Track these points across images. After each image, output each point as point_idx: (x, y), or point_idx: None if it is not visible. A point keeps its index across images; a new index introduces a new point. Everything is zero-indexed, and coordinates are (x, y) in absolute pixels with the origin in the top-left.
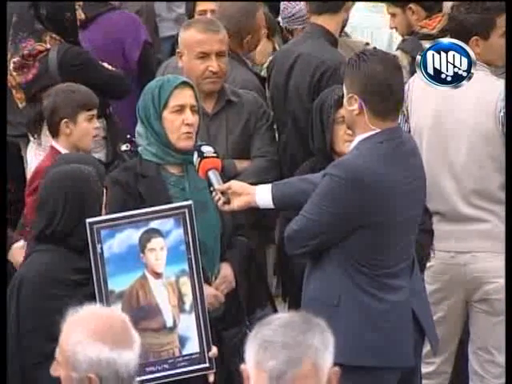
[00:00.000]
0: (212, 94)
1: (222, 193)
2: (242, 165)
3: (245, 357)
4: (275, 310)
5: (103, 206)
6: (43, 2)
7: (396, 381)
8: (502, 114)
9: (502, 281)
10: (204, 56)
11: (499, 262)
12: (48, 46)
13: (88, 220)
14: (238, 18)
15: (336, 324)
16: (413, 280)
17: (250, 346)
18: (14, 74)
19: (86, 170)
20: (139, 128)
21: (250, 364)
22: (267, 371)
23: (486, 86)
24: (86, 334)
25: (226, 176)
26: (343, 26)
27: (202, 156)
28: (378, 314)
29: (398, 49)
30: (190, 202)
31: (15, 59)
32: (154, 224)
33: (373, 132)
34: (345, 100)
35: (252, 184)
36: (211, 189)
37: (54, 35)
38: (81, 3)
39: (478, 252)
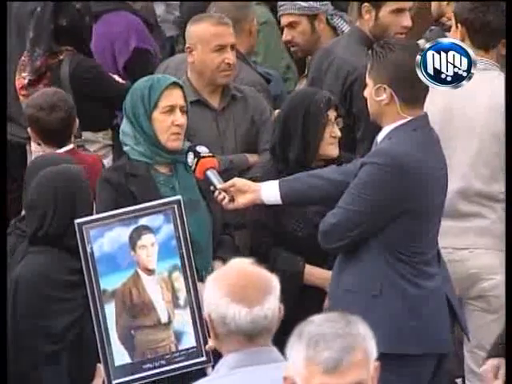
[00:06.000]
0: (217, 89)
1: (225, 191)
2: (252, 158)
3: (288, 362)
4: None
5: (94, 204)
6: (63, 11)
7: (434, 366)
8: None
9: (499, 277)
10: (220, 49)
11: (496, 259)
12: (61, 57)
13: (76, 221)
14: (233, 9)
15: (376, 314)
16: (441, 267)
17: (295, 348)
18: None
19: (75, 169)
20: (125, 127)
21: (298, 365)
22: (322, 363)
23: (498, 86)
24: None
25: (239, 169)
26: None
27: (198, 156)
28: (418, 301)
29: (422, 37)
30: (178, 197)
31: (31, 77)
32: (143, 221)
33: (405, 120)
34: (370, 91)
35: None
36: (212, 188)
37: (69, 48)
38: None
39: (476, 248)
